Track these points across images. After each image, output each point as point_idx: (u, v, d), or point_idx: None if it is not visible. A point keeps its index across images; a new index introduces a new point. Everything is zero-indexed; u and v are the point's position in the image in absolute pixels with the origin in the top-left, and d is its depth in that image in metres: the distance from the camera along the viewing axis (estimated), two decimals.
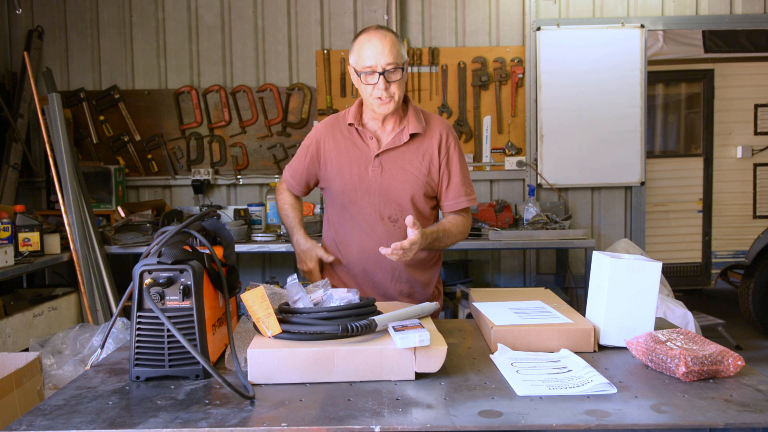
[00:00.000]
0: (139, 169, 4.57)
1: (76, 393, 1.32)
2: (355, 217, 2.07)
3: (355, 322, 1.40)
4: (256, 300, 1.42)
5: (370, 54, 1.92)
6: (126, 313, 3.36)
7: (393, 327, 1.41)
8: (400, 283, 2.09)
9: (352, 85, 4.49)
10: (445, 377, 1.39)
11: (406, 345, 1.34)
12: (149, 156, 4.57)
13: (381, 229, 2.05)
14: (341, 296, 1.55)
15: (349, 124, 2.07)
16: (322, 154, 2.11)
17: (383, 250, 1.81)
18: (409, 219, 1.80)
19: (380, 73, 1.92)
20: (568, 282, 4.59)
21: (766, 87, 5.80)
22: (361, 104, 2.09)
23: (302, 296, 1.53)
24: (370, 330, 1.40)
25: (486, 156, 4.54)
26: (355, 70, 1.97)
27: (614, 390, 1.29)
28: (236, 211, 4.19)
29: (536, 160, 4.52)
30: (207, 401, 1.27)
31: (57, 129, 3.71)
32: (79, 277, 3.64)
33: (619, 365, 1.47)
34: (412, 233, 1.83)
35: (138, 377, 1.38)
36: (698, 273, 5.97)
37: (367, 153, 2.05)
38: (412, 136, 2.05)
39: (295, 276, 1.60)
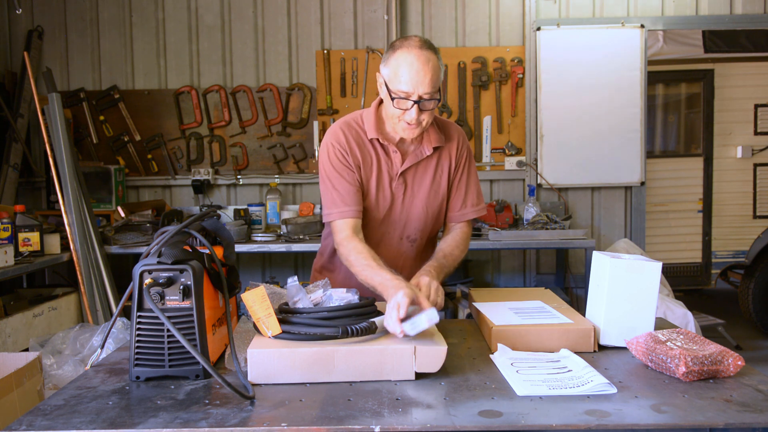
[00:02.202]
0: (139, 169, 4.57)
1: (76, 393, 1.32)
2: (368, 235, 1.90)
3: (356, 324, 1.40)
4: (257, 300, 1.42)
5: (408, 78, 1.73)
6: (126, 313, 3.35)
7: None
8: None
9: (353, 84, 4.51)
10: (445, 377, 1.39)
11: (418, 330, 1.33)
12: (149, 156, 4.57)
13: (396, 248, 1.96)
14: (341, 296, 1.55)
15: (372, 139, 1.90)
16: (355, 166, 1.89)
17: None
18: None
19: (416, 102, 1.74)
20: (568, 282, 4.59)
21: (766, 87, 5.80)
22: (377, 113, 1.92)
23: (302, 297, 1.53)
24: (370, 332, 1.41)
25: (486, 156, 4.54)
26: (386, 85, 1.79)
27: (614, 390, 1.29)
28: (236, 211, 4.19)
29: (536, 160, 4.52)
30: (207, 401, 1.27)
31: (57, 129, 3.72)
32: (79, 277, 3.64)
33: (619, 365, 1.47)
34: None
35: (138, 377, 1.38)
36: (698, 273, 5.96)
37: (390, 168, 1.91)
38: (434, 149, 1.92)
39: (295, 277, 1.60)
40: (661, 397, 1.27)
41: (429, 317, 1.33)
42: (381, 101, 1.92)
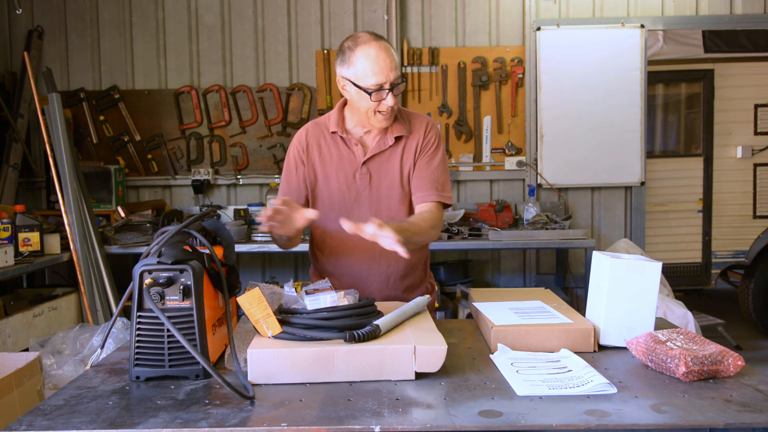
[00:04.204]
0: (139, 169, 4.57)
1: (76, 393, 1.32)
2: (337, 232, 1.93)
3: (359, 329, 1.39)
4: (253, 302, 1.42)
5: (377, 69, 1.82)
6: (126, 313, 3.36)
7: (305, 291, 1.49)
8: (396, 290, 2.04)
9: None
10: (445, 377, 1.39)
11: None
12: (149, 156, 4.57)
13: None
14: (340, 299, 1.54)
15: (332, 132, 1.98)
16: (309, 163, 2.01)
17: (368, 229, 1.59)
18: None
19: (389, 90, 1.84)
20: (568, 282, 4.59)
21: (766, 87, 5.80)
22: (341, 110, 2.01)
23: (300, 301, 1.53)
24: (374, 336, 1.41)
25: (486, 156, 4.54)
26: (355, 84, 1.86)
27: (614, 390, 1.29)
28: (236, 211, 4.19)
29: (536, 160, 4.52)
30: (207, 401, 1.27)
31: (57, 129, 3.72)
32: (79, 277, 3.64)
33: (619, 365, 1.47)
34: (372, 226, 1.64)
35: (138, 377, 1.38)
36: (698, 273, 5.97)
37: (353, 160, 1.98)
38: (397, 138, 1.98)
39: (291, 281, 1.60)
40: (661, 397, 1.27)
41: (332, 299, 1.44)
42: (345, 102, 2.01)
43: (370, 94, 1.84)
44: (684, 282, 5.91)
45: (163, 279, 1.36)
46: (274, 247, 3.86)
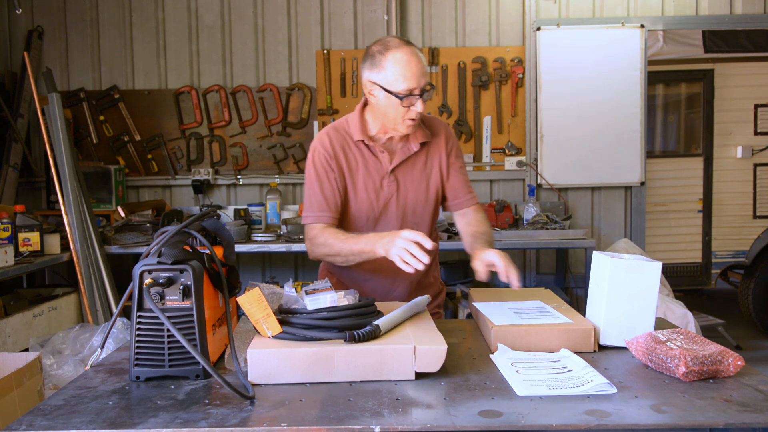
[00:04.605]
0: (139, 169, 4.57)
1: (76, 393, 1.32)
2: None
3: (359, 329, 1.39)
4: (253, 302, 1.42)
5: (408, 74, 1.80)
6: (126, 313, 3.36)
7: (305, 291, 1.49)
8: (417, 292, 2.02)
9: (353, 85, 4.51)
10: (445, 377, 1.39)
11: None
12: (149, 156, 4.57)
13: None
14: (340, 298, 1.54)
15: (358, 141, 1.95)
16: (338, 170, 1.95)
17: (514, 284, 1.73)
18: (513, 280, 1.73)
19: (419, 95, 1.83)
20: (568, 282, 4.59)
21: (766, 87, 5.80)
22: (362, 115, 1.98)
23: (300, 301, 1.52)
24: (374, 336, 1.41)
25: (486, 156, 4.54)
26: (384, 89, 1.84)
27: (614, 390, 1.29)
28: (236, 211, 4.19)
29: (536, 160, 4.52)
30: (207, 401, 1.27)
31: (57, 129, 3.72)
32: (79, 277, 3.64)
33: (619, 365, 1.47)
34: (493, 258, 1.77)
35: (138, 377, 1.38)
36: (698, 273, 5.97)
37: (379, 168, 1.96)
38: (421, 144, 1.98)
39: (291, 281, 1.60)
40: (661, 397, 1.26)
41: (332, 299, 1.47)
42: (365, 105, 1.98)
43: (401, 99, 1.82)
44: (684, 282, 5.91)
45: (163, 279, 1.36)
46: (274, 247, 3.87)
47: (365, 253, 1.81)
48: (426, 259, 1.65)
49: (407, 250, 1.66)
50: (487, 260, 1.78)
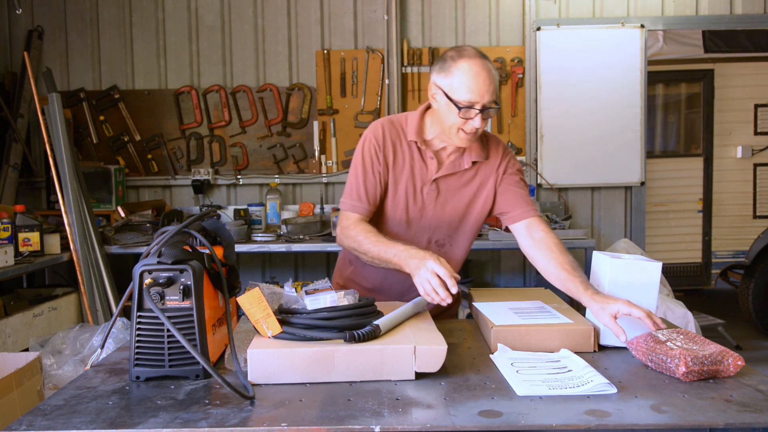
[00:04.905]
0: (139, 169, 4.57)
1: (76, 393, 1.32)
2: (397, 236, 1.91)
3: (359, 329, 1.39)
4: (253, 302, 1.42)
5: (474, 86, 1.75)
6: (126, 313, 3.35)
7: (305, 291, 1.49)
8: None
9: (353, 84, 4.51)
10: (445, 377, 1.39)
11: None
12: (149, 156, 4.57)
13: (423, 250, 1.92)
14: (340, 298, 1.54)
15: (411, 141, 1.91)
16: (384, 163, 1.91)
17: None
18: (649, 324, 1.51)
19: (480, 110, 1.77)
20: None
21: (766, 87, 5.81)
22: (422, 117, 1.93)
23: (300, 301, 1.53)
24: (374, 336, 1.41)
25: None
26: (446, 95, 1.79)
27: (614, 390, 1.29)
28: (236, 211, 4.19)
29: (536, 160, 4.52)
30: (207, 401, 1.27)
31: (57, 129, 3.72)
32: (79, 277, 3.64)
33: (619, 365, 1.47)
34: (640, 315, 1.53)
35: (138, 377, 1.38)
36: (698, 273, 5.97)
37: (424, 174, 1.92)
38: (473, 162, 1.93)
39: (291, 281, 1.60)
40: (661, 397, 1.27)
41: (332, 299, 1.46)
42: (427, 108, 1.94)
43: (459, 109, 1.77)
44: (684, 282, 5.91)
45: (163, 279, 1.36)
46: (274, 247, 3.87)
47: (392, 264, 1.78)
48: (448, 300, 1.60)
49: (431, 283, 1.62)
50: (619, 314, 1.53)
